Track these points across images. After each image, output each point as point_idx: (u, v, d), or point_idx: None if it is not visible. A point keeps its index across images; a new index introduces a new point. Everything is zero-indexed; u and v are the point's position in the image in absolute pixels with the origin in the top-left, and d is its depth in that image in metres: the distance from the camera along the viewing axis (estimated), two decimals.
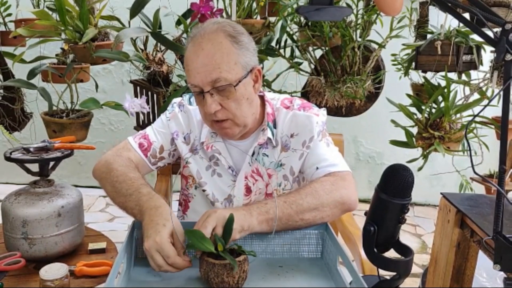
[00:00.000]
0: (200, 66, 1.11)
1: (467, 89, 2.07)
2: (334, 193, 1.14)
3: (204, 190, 1.31)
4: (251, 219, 1.03)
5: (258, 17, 2.10)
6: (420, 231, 3.17)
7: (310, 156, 1.25)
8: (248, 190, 1.29)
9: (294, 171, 1.28)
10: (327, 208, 1.11)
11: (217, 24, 1.14)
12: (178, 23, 2.08)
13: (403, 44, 2.24)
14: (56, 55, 2.21)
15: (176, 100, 1.36)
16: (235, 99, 1.14)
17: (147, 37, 2.05)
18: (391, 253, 0.91)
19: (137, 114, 2.14)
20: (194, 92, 1.16)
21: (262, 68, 2.20)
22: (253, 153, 1.27)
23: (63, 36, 1.90)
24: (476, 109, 1.99)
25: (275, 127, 1.27)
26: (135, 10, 1.93)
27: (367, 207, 0.93)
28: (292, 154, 1.27)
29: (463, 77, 2.13)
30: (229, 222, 0.97)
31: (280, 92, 2.19)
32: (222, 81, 1.11)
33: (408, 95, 2.13)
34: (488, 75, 1.98)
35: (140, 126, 2.23)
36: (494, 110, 1.60)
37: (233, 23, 1.18)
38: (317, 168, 1.22)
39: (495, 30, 0.84)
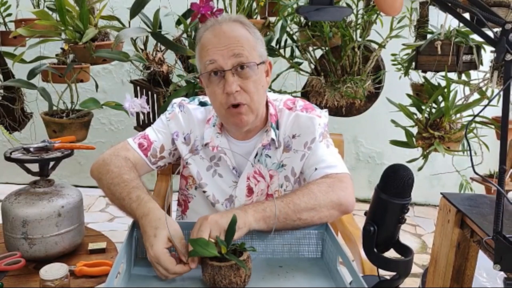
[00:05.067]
0: (221, 45, 1.12)
1: (467, 89, 2.07)
2: (331, 194, 1.13)
3: (204, 191, 1.31)
4: (246, 216, 1.03)
5: (258, 17, 2.11)
6: (420, 231, 3.17)
7: (310, 157, 1.25)
8: (250, 191, 1.29)
9: (295, 172, 1.28)
10: (324, 208, 1.11)
11: (234, 17, 1.19)
12: (178, 23, 2.08)
13: (403, 44, 2.24)
14: (56, 55, 2.21)
15: (176, 100, 1.35)
16: (254, 81, 1.15)
17: (147, 37, 2.05)
18: (391, 253, 0.91)
19: (137, 114, 2.14)
20: (210, 71, 1.14)
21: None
22: (256, 154, 1.27)
23: (63, 36, 1.90)
24: (476, 109, 1.99)
25: (277, 128, 1.27)
26: (135, 10, 1.93)
27: (367, 207, 0.93)
28: (294, 155, 1.27)
29: (463, 77, 2.13)
30: (232, 223, 0.97)
31: (280, 92, 2.19)
32: (244, 58, 1.12)
33: (408, 95, 2.13)
34: (488, 75, 1.98)
35: (140, 126, 2.23)
36: (494, 110, 1.60)
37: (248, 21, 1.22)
38: (316, 169, 1.22)
39: (495, 30, 0.84)
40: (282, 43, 2.16)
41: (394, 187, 0.86)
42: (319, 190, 1.13)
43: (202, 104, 1.32)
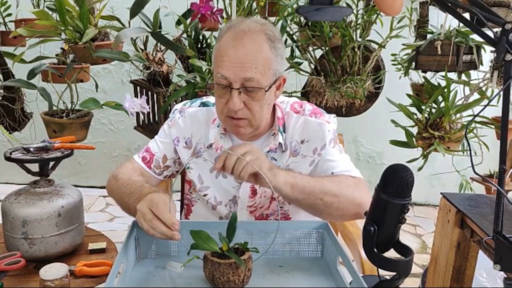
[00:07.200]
0: (237, 61, 1.11)
1: (467, 89, 2.07)
2: (357, 191, 1.16)
3: (205, 195, 1.31)
4: (279, 173, 1.09)
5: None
6: (420, 231, 3.17)
7: (323, 162, 1.26)
8: (254, 193, 1.28)
9: None
10: (346, 201, 1.14)
11: (260, 25, 1.15)
12: (178, 23, 2.08)
13: (403, 44, 2.24)
14: (56, 55, 2.21)
15: (177, 106, 1.35)
16: (259, 102, 1.15)
17: (147, 37, 2.05)
18: (391, 253, 0.91)
19: (137, 114, 2.14)
20: (219, 83, 1.14)
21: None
22: None
23: (63, 36, 1.90)
24: (476, 109, 1.99)
25: (284, 131, 1.27)
26: (135, 10, 1.93)
27: None
28: (301, 160, 1.27)
29: (463, 77, 2.12)
30: (233, 221, 0.97)
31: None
32: (254, 82, 1.12)
33: (408, 95, 2.13)
34: (488, 75, 1.98)
35: (140, 126, 2.23)
36: (494, 110, 1.60)
37: (273, 27, 1.20)
38: (332, 173, 1.24)
39: (495, 30, 0.84)
40: None
41: (394, 187, 0.86)
42: (347, 184, 1.17)
43: (204, 104, 1.32)
